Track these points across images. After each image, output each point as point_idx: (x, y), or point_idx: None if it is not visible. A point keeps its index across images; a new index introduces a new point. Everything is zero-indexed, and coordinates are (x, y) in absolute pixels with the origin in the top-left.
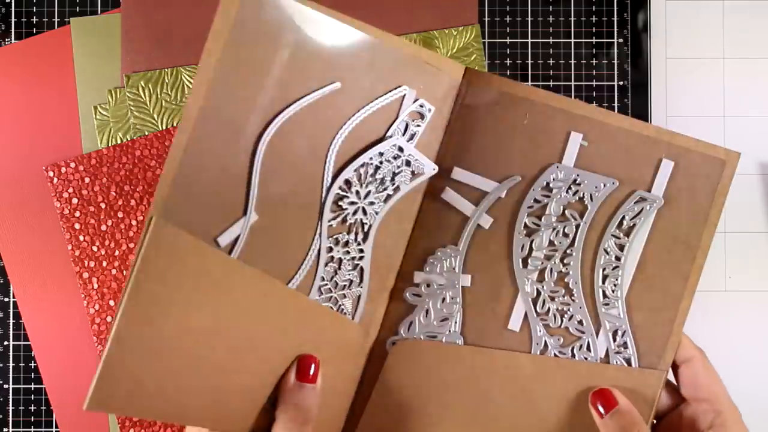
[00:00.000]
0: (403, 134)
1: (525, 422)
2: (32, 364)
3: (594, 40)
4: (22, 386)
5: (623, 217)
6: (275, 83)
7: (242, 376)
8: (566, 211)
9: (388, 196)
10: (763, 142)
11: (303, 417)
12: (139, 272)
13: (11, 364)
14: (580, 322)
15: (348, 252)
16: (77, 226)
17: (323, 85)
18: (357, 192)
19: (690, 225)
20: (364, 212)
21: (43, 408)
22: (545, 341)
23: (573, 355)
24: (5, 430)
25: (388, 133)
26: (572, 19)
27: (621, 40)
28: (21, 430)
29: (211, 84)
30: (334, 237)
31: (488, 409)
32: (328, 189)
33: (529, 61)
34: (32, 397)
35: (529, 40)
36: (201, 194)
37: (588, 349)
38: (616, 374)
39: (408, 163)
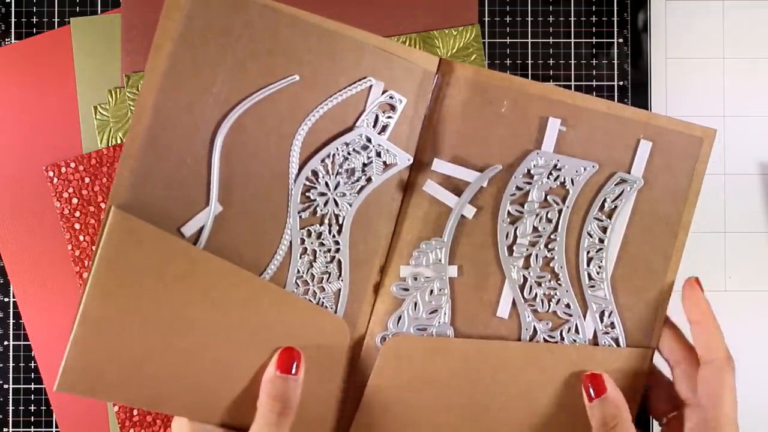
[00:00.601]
0: (374, 126)
1: (517, 409)
2: (32, 364)
3: (594, 40)
4: (22, 386)
5: (605, 200)
6: (229, 77)
7: (218, 367)
8: (548, 197)
9: (361, 188)
10: (763, 142)
11: (282, 408)
12: (101, 258)
13: (11, 364)
14: (567, 306)
15: (323, 244)
16: (77, 226)
17: (280, 78)
18: (326, 183)
19: (670, 203)
20: (336, 204)
21: (43, 408)
22: (534, 326)
23: (562, 338)
24: (5, 430)
25: (356, 125)
26: (572, 19)
27: (621, 40)
28: (21, 430)
29: (163, 77)
30: (306, 228)
31: (481, 398)
32: (295, 180)
33: (529, 61)
34: (32, 397)
35: (529, 40)
36: (160, 186)
37: (576, 331)
38: (605, 355)
39: (378, 154)
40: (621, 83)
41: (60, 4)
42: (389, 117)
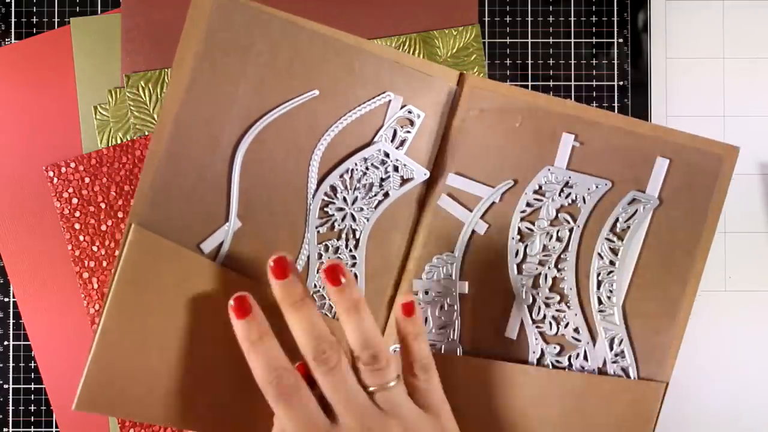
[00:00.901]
0: (392, 141)
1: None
2: (32, 364)
3: (594, 40)
4: (22, 386)
5: (617, 220)
6: (250, 92)
7: (238, 383)
8: (559, 215)
9: (378, 203)
10: (763, 142)
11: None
12: (120, 276)
13: (11, 364)
14: (576, 330)
15: (339, 258)
16: (77, 226)
17: (300, 93)
18: (344, 198)
19: (688, 226)
20: (353, 218)
21: (43, 408)
22: (541, 349)
23: (570, 365)
24: (5, 430)
25: (375, 140)
26: (572, 19)
27: (621, 40)
28: (21, 430)
29: (185, 92)
30: (324, 243)
31: (485, 418)
32: (314, 195)
33: (529, 61)
34: (32, 397)
35: (529, 40)
36: (180, 202)
37: (585, 358)
38: (614, 386)
39: (396, 169)
40: (621, 83)
41: (60, 4)
42: (407, 132)
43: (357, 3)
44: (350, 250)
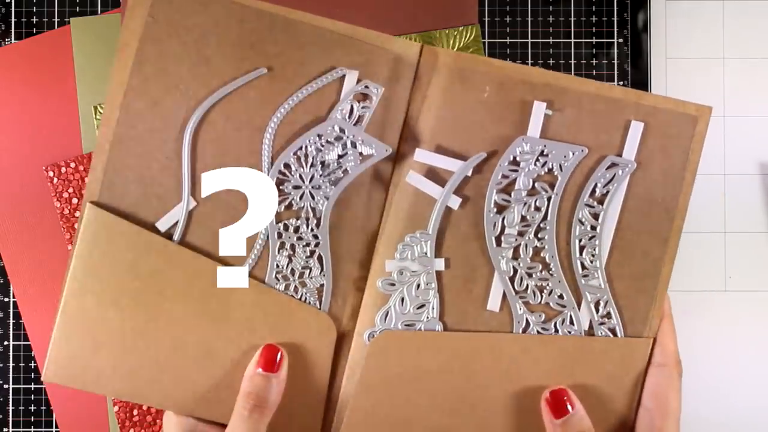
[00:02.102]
0: (349, 117)
1: (512, 403)
2: (32, 364)
3: (594, 40)
4: (22, 386)
5: (596, 185)
6: (196, 73)
7: (201, 361)
8: (536, 184)
9: (337, 180)
10: (763, 142)
11: (258, 405)
12: (78, 253)
13: (11, 364)
14: (561, 296)
15: (301, 238)
16: (77, 226)
17: (247, 71)
18: (300, 176)
19: (666, 186)
20: (312, 197)
21: (43, 408)
22: (526, 319)
23: (556, 330)
24: (5, 430)
25: (330, 116)
26: (572, 19)
27: (621, 40)
28: (21, 430)
29: (130, 75)
30: (282, 222)
31: (475, 393)
32: (268, 173)
33: (529, 61)
34: (32, 397)
35: (529, 40)
36: (134, 181)
37: (571, 322)
38: (603, 346)
39: (354, 145)
40: (621, 83)
41: (60, 4)
42: (365, 108)
43: (357, 3)
44: (311, 230)
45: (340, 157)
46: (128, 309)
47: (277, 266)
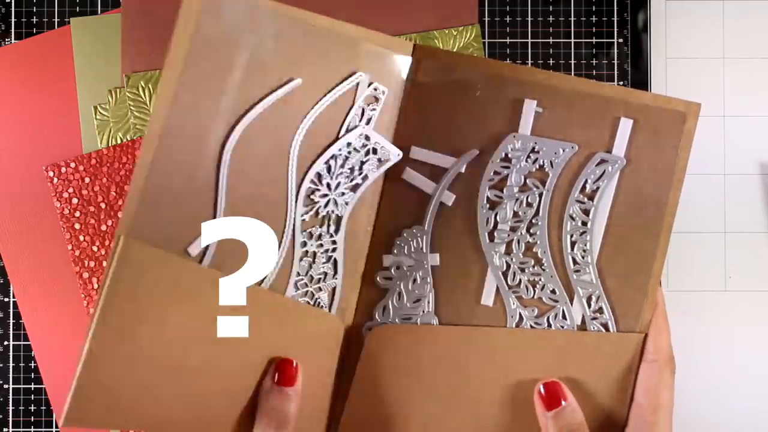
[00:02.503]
0: (360, 119)
1: (506, 396)
2: (32, 364)
3: (594, 40)
4: (22, 386)
5: (586, 181)
6: (236, 87)
7: (222, 382)
8: (527, 181)
9: (357, 185)
10: (763, 142)
11: (280, 421)
12: (108, 292)
13: (11, 364)
14: (553, 291)
15: (321, 245)
16: (77, 226)
17: (283, 83)
18: (328, 184)
19: (656, 182)
20: (336, 204)
21: (43, 408)
22: (519, 313)
23: (549, 325)
24: (5, 430)
25: (346, 121)
26: (572, 19)
27: (621, 40)
28: (21, 430)
29: (174, 97)
30: (308, 231)
31: (469, 386)
32: (299, 184)
33: (529, 61)
34: (32, 397)
35: (529, 40)
36: (169, 207)
37: (563, 317)
38: (596, 340)
39: (375, 151)
40: (621, 83)
41: (60, 4)
42: (373, 109)
43: (357, 3)
44: (331, 235)
45: (362, 163)
46: (158, 338)
47: (298, 274)
